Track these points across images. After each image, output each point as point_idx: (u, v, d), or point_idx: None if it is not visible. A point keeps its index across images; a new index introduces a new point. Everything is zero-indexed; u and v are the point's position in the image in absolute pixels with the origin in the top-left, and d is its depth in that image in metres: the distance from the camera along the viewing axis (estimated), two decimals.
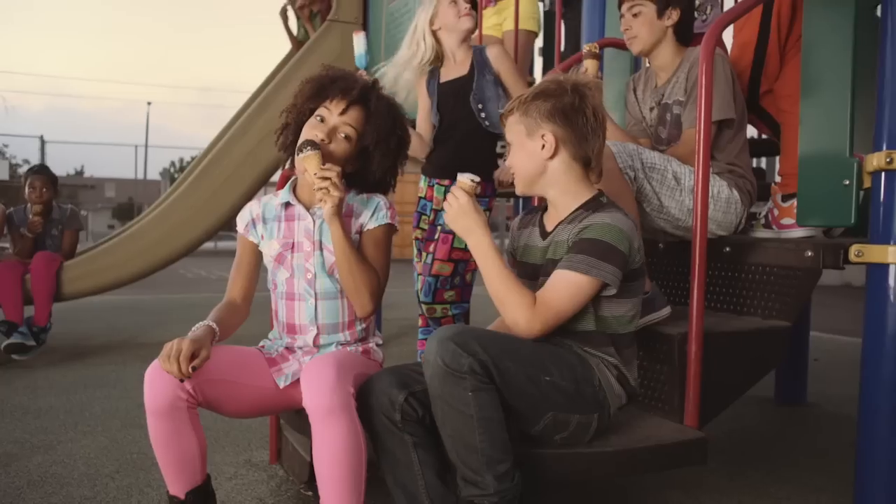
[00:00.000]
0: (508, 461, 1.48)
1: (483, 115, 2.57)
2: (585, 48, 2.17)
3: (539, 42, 4.19)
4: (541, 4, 4.03)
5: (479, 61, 2.57)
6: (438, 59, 2.66)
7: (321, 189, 1.58)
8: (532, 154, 1.62)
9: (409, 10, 4.21)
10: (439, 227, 2.65)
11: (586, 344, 1.59)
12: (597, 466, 1.61)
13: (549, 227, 1.66)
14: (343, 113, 1.70)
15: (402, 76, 2.66)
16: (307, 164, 1.60)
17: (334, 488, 1.46)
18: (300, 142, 1.65)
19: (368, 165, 1.75)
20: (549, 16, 4.48)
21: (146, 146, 23.38)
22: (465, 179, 1.60)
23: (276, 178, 4.94)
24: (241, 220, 1.80)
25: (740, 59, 2.42)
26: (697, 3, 2.68)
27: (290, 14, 5.33)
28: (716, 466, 2.41)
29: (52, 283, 4.06)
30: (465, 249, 2.49)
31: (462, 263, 2.60)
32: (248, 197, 4.64)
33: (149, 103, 35.08)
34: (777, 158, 2.50)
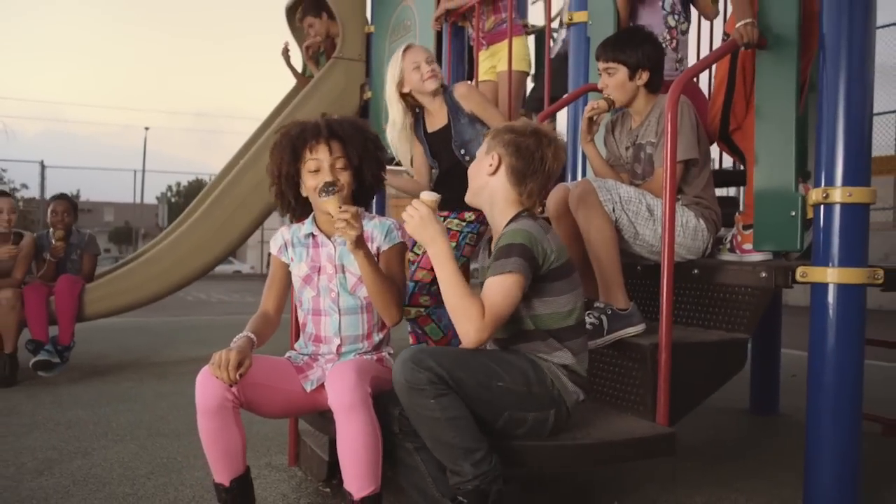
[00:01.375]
0: (482, 449, 1.73)
1: (466, 157, 2.85)
2: (607, 95, 2.47)
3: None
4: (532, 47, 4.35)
5: (452, 106, 2.85)
6: (419, 106, 2.96)
7: (341, 228, 1.85)
8: (482, 167, 1.92)
9: None
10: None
11: (536, 345, 1.84)
12: (580, 457, 1.89)
13: (493, 249, 1.94)
14: (329, 153, 1.98)
15: (396, 139, 2.98)
16: (328, 207, 1.88)
17: (356, 472, 1.73)
18: (319, 188, 1.92)
19: (362, 176, 2.04)
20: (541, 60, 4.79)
21: (143, 171, 23.67)
22: (427, 196, 1.85)
23: None
24: (275, 244, 2.09)
25: (717, 96, 2.73)
26: (679, 56, 3.00)
27: (294, 50, 5.62)
28: (691, 465, 2.69)
29: (75, 304, 4.33)
30: None
31: None
32: (257, 224, 4.95)
33: (146, 128, 35.54)
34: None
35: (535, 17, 5.11)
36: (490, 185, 1.90)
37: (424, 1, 4.37)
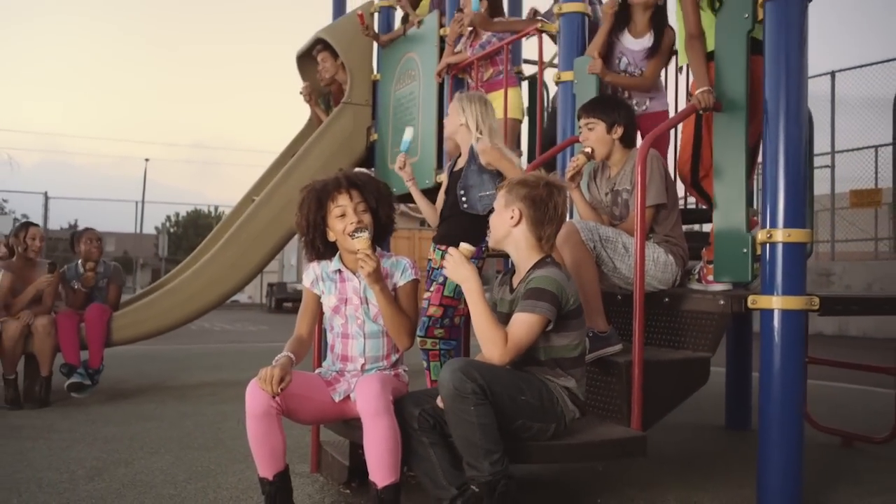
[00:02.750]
0: (499, 452, 2.10)
1: (464, 199, 3.23)
2: (585, 149, 2.88)
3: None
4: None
5: (472, 153, 3.26)
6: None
7: (361, 260, 2.22)
8: (504, 220, 2.29)
9: (414, 97, 4.98)
10: (434, 281, 3.30)
11: (545, 370, 2.22)
12: (568, 454, 2.26)
13: (514, 285, 2.32)
14: (350, 199, 2.36)
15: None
16: (360, 244, 2.24)
17: (380, 465, 2.09)
18: (351, 230, 2.29)
19: (378, 218, 2.42)
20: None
21: (143, 201, 24.07)
22: (465, 246, 2.25)
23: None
24: (307, 278, 2.46)
25: (684, 151, 3.15)
26: (636, 101, 3.43)
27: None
28: (667, 471, 3.06)
29: (104, 330, 4.68)
30: (453, 297, 3.16)
31: (451, 308, 3.24)
32: (272, 257, 5.34)
33: (146, 160, 36.04)
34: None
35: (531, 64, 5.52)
36: (513, 235, 2.27)
37: (427, 54, 4.81)
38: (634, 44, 3.43)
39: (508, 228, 2.28)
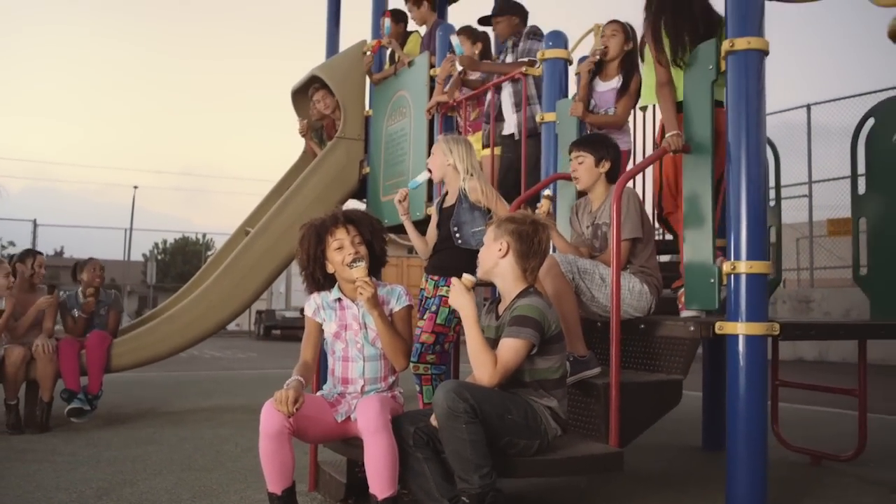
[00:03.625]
0: (488, 466, 2.29)
1: (457, 235, 3.45)
2: (545, 193, 3.12)
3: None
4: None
5: (462, 192, 3.49)
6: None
7: (359, 287, 2.43)
8: (493, 252, 2.51)
9: (405, 133, 5.22)
10: (427, 310, 3.49)
11: (529, 390, 2.42)
12: (551, 468, 2.45)
13: (500, 313, 2.53)
14: (347, 233, 2.57)
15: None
16: (358, 273, 2.46)
17: (380, 479, 2.27)
18: (350, 260, 2.50)
19: (373, 250, 2.63)
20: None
21: (131, 229, 24.13)
22: (466, 277, 2.46)
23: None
24: (309, 308, 2.66)
25: (656, 186, 3.40)
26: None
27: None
28: (644, 489, 3.25)
29: (104, 357, 4.83)
30: (445, 325, 3.37)
31: (442, 335, 3.44)
32: (267, 285, 5.52)
33: (135, 187, 36.12)
34: None
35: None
36: (501, 266, 2.49)
37: (418, 92, 5.06)
38: (603, 86, 3.77)
39: (497, 260, 2.49)
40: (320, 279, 2.63)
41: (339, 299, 2.63)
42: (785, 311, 12.31)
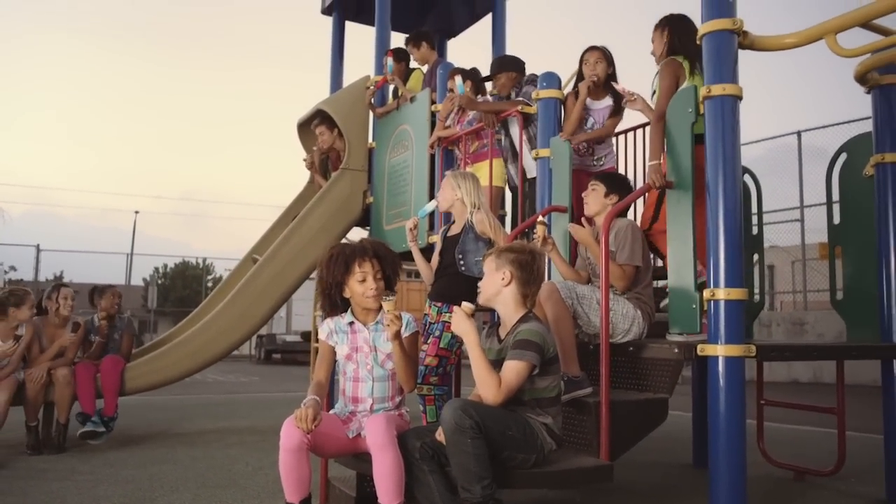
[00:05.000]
0: (489, 478, 2.49)
1: (462, 262, 3.69)
2: (540, 220, 3.37)
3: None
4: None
5: (468, 223, 3.73)
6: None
7: (390, 321, 2.66)
8: (495, 281, 2.74)
9: (407, 164, 5.48)
10: (431, 335, 3.72)
11: (527, 408, 2.63)
12: (547, 480, 2.65)
13: (501, 336, 2.75)
14: (371, 267, 2.80)
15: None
16: (389, 307, 2.68)
17: (387, 489, 2.47)
18: (374, 294, 2.74)
19: (390, 282, 2.86)
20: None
21: (131, 254, 24.33)
22: (466, 304, 2.69)
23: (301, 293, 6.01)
24: (323, 332, 2.88)
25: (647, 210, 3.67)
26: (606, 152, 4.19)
27: (317, 160, 6.52)
28: (636, 502, 3.44)
29: (118, 381, 5.04)
30: (447, 349, 3.59)
31: (444, 359, 3.66)
32: (275, 311, 5.74)
33: (136, 212, 36.40)
34: None
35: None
36: (503, 293, 2.72)
37: (419, 126, 5.33)
38: (598, 105, 4.24)
39: (500, 287, 2.72)
40: (337, 302, 2.85)
41: (352, 323, 2.85)
42: (779, 334, 12.51)
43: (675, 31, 3.67)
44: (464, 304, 2.67)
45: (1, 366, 4.67)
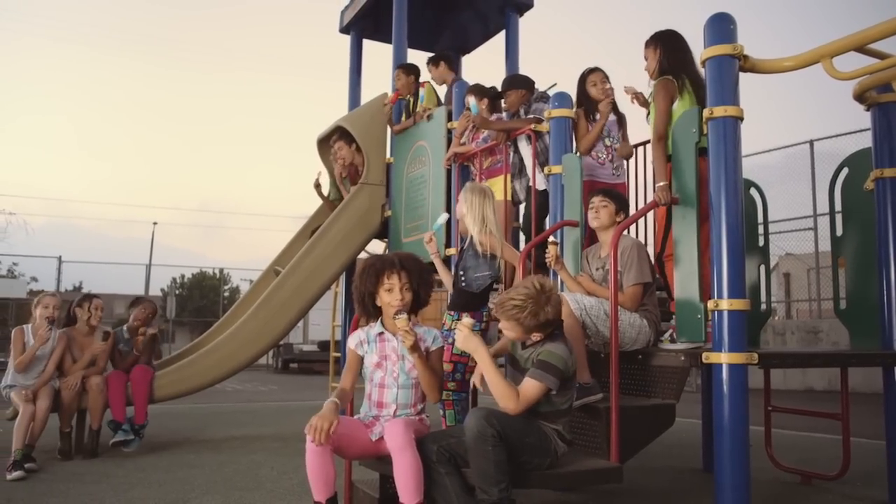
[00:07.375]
0: (506, 481, 2.66)
1: (463, 278, 3.86)
2: (551, 239, 3.55)
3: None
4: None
5: (471, 240, 3.90)
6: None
7: (402, 336, 2.84)
8: (510, 331, 2.82)
9: (424, 179, 5.67)
10: (445, 341, 3.88)
11: (544, 419, 2.80)
12: (561, 480, 2.82)
13: (526, 343, 2.91)
14: (399, 279, 2.97)
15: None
16: (401, 324, 2.84)
17: (408, 490, 2.64)
18: (393, 313, 2.89)
19: (419, 297, 3.03)
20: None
21: (150, 264, 24.71)
22: (465, 320, 2.87)
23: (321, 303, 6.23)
24: (353, 341, 3.06)
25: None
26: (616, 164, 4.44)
27: (323, 181, 6.73)
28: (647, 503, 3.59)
29: (148, 389, 5.25)
30: (462, 354, 3.75)
31: (461, 364, 3.83)
32: (297, 321, 5.95)
33: (154, 223, 36.90)
34: None
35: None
36: (521, 333, 2.80)
37: (436, 142, 5.53)
38: (608, 119, 4.54)
39: (519, 334, 2.81)
40: (370, 308, 3.04)
41: (381, 333, 3.03)
42: (793, 342, 12.55)
43: (665, 49, 3.79)
44: (464, 319, 2.85)
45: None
